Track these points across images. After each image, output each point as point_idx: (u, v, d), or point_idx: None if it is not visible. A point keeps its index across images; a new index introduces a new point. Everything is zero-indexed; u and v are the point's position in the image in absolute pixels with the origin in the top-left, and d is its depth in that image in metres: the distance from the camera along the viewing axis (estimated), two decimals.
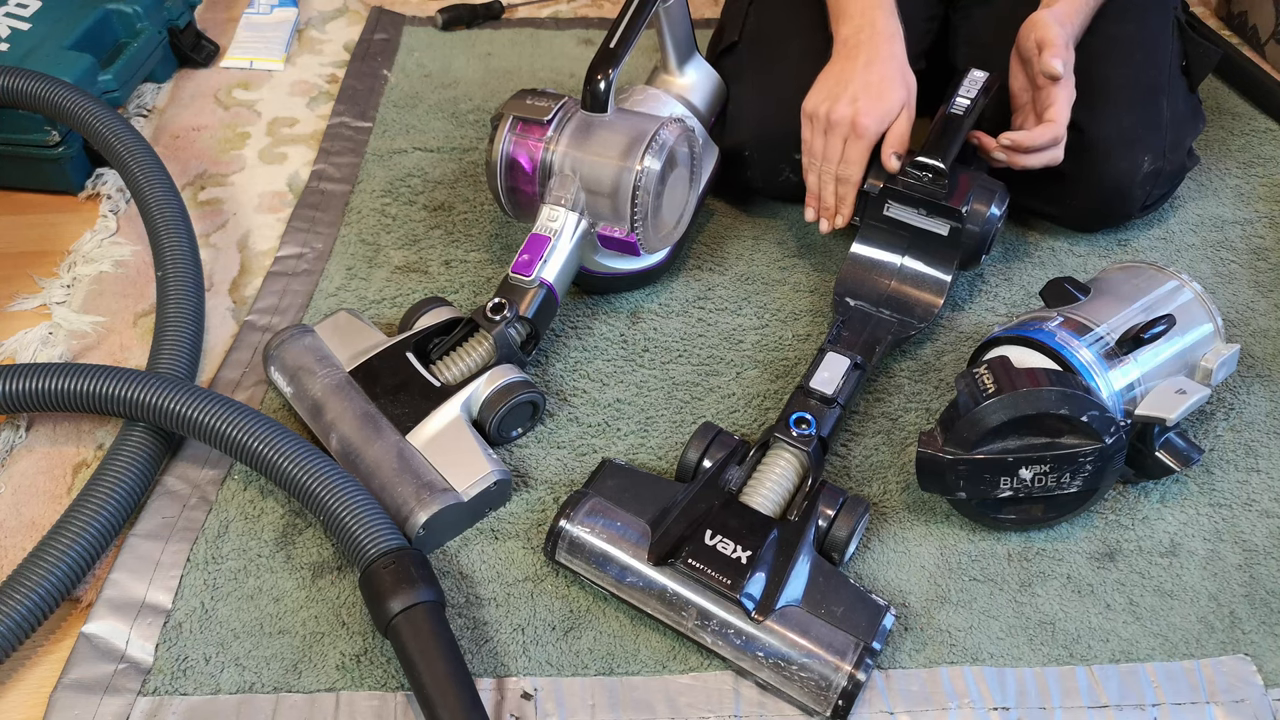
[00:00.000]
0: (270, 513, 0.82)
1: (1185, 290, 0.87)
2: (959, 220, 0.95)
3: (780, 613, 0.71)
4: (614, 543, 0.75)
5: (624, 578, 0.74)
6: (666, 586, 0.73)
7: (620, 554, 0.75)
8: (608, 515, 0.77)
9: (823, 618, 0.72)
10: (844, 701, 0.69)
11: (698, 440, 0.82)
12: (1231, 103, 1.32)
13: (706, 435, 0.82)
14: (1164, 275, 0.89)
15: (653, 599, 0.74)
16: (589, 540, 0.76)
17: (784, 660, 0.70)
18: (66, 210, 1.12)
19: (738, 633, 0.71)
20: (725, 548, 0.73)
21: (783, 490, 0.79)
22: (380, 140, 1.23)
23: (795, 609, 0.72)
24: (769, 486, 0.79)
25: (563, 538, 0.76)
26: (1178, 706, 0.72)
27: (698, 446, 0.81)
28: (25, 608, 0.70)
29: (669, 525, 0.75)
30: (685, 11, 1.06)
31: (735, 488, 0.79)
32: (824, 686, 0.69)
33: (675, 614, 0.73)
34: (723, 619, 0.72)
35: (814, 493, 0.78)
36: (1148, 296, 0.86)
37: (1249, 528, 0.83)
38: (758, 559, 0.72)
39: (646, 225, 0.92)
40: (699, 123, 1.07)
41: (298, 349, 0.89)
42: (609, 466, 0.81)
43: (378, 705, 0.70)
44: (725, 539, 0.73)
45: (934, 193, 0.95)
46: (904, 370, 0.97)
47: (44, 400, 0.79)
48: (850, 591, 0.73)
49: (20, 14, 1.16)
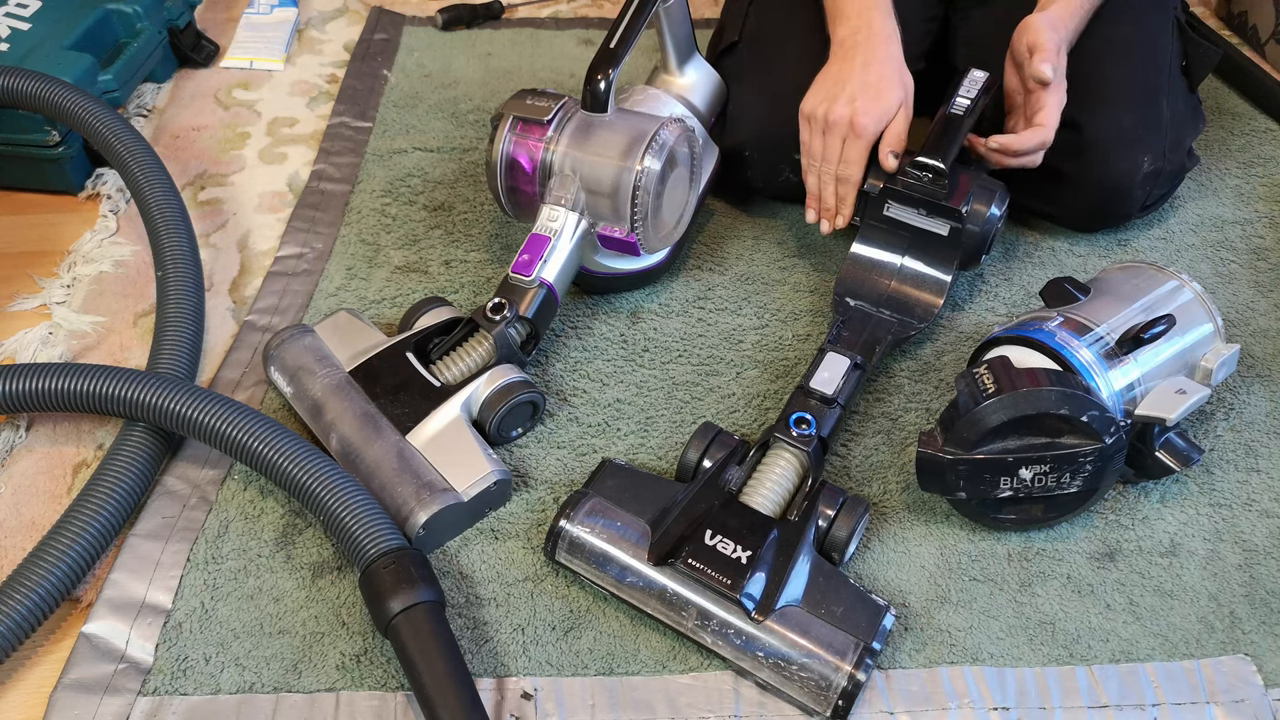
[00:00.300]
0: (270, 513, 0.82)
1: (1185, 290, 0.87)
2: (959, 220, 0.95)
3: (780, 613, 0.71)
4: (614, 543, 0.75)
5: (624, 578, 0.75)
6: (666, 586, 0.74)
7: (620, 554, 0.75)
8: (608, 515, 0.77)
9: (823, 618, 0.72)
10: (844, 701, 0.69)
11: (698, 440, 0.82)
12: (1231, 103, 1.32)
13: (706, 435, 0.82)
14: (1164, 275, 0.89)
15: (653, 599, 0.74)
16: (589, 540, 0.76)
17: (784, 660, 0.70)
18: (66, 210, 1.12)
19: (738, 633, 0.71)
20: (725, 548, 0.73)
21: (783, 490, 0.79)
22: (380, 140, 1.23)
23: (795, 609, 0.72)
24: (769, 486, 0.79)
25: (563, 538, 0.76)
26: (1178, 706, 0.72)
27: (698, 446, 0.81)
28: (25, 608, 0.69)
29: (669, 525, 0.75)
30: (685, 11, 1.06)
31: (735, 488, 0.79)
32: (824, 686, 0.69)
33: (675, 614, 0.73)
34: (723, 619, 0.72)
35: (814, 493, 0.78)
36: (1148, 296, 0.86)
37: (1249, 528, 0.83)
38: (758, 559, 0.72)
39: (646, 225, 0.92)
40: (699, 123, 1.07)
41: (298, 349, 0.89)
42: (609, 466, 0.81)
43: (378, 705, 0.70)
44: (725, 539, 0.73)
45: (934, 193, 0.95)
46: (904, 370, 0.97)
47: (44, 400, 0.79)
48: (850, 591, 0.74)
49: (20, 14, 1.16)
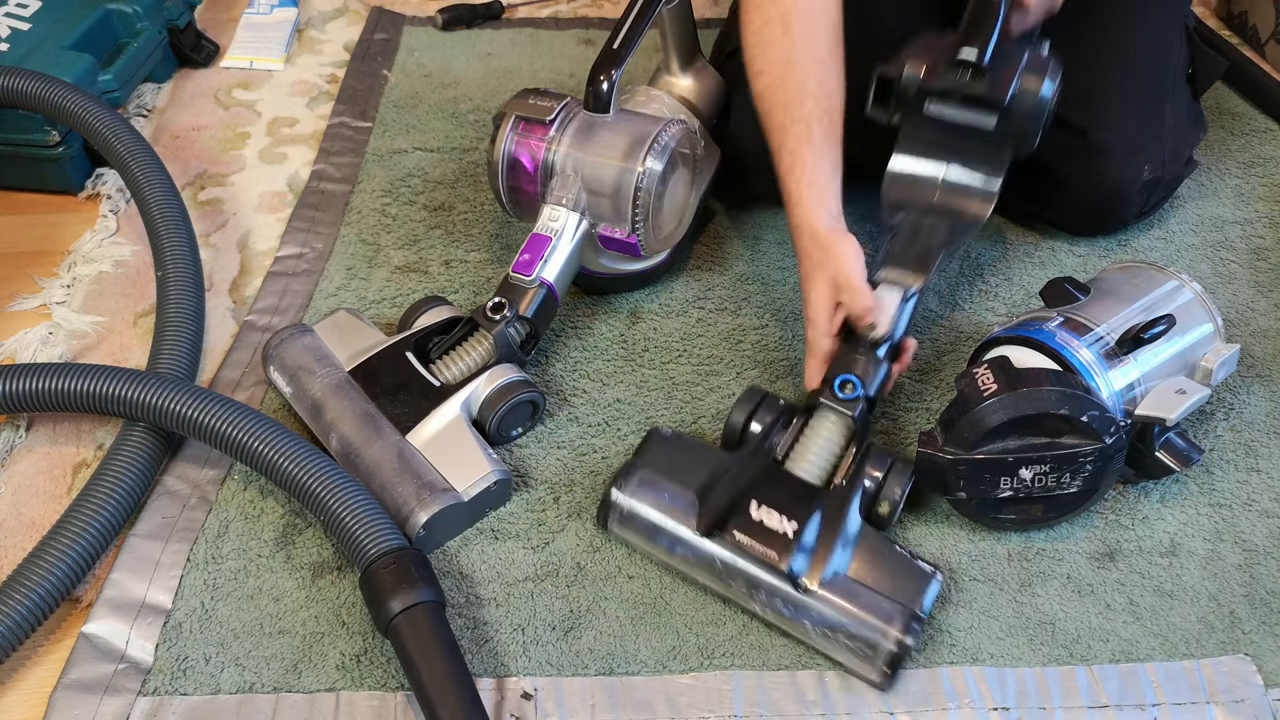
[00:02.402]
0: (270, 513, 0.82)
1: (1185, 290, 0.87)
2: (1004, 112, 0.88)
3: (828, 582, 0.72)
4: (664, 513, 0.76)
5: (674, 548, 0.76)
6: (715, 557, 0.74)
7: (670, 524, 0.75)
8: (657, 486, 0.77)
9: (870, 585, 0.72)
10: (890, 667, 0.70)
11: (744, 404, 0.81)
12: (1231, 103, 1.32)
13: (753, 399, 0.81)
14: (1164, 275, 0.88)
15: (702, 569, 0.75)
16: (640, 511, 0.76)
17: (832, 628, 0.71)
18: (66, 210, 1.12)
19: (785, 601, 0.72)
20: (771, 520, 0.73)
21: (828, 456, 0.79)
22: (380, 140, 1.23)
23: (843, 577, 0.72)
24: (815, 453, 0.79)
25: (614, 510, 0.77)
26: (1178, 706, 0.72)
27: (744, 410, 0.81)
28: (25, 608, 0.69)
29: (715, 496, 0.76)
30: (689, 13, 1.06)
31: (780, 455, 0.79)
32: (872, 653, 0.70)
33: (724, 583, 0.74)
34: (771, 587, 0.72)
35: (860, 457, 0.78)
36: (1148, 296, 0.86)
37: (1249, 528, 0.83)
38: (804, 530, 0.72)
39: (647, 226, 0.92)
40: (701, 125, 1.07)
41: (297, 349, 0.88)
42: (656, 436, 0.81)
43: (378, 705, 0.70)
44: (771, 510, 0.74)
45: (973, 86, 0.88)
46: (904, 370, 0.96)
47: (44, 400, 0.79)
48: (897, 558, 0.74)
49: (20, 14, 1.16)
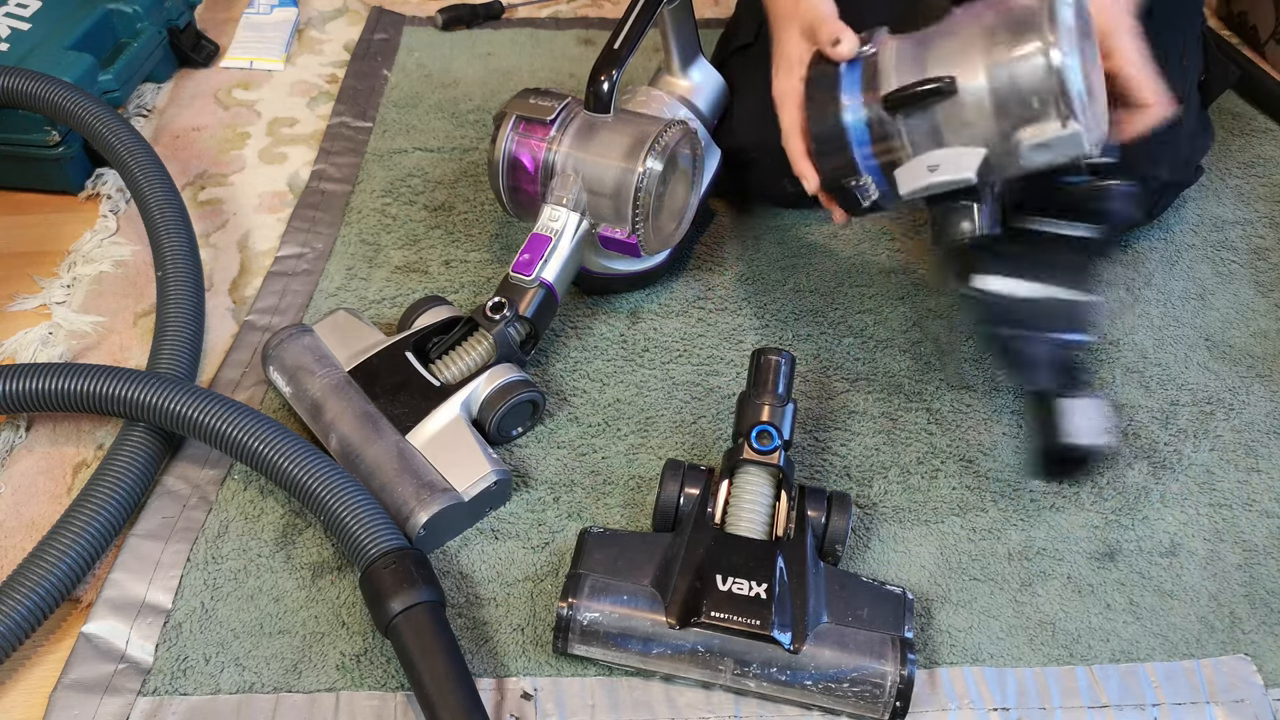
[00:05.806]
0: (270, 513, 0.82)
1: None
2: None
3: (814, 634, 0.69)
4: (629, 616, 0.71)
5: (650, 649, 0.70)
6: (696, 645, 0.70)
7: (640, 625, 0.70)
8: (611, 590, 0.71)
9: (851, 624, 0.70)
10: (900, 702, 0.68)
11: (670, 480, 0.77)
12: (1231, 103, 1.32)
13: (676, 472, 0.78)
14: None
15: (683, 662, 0.70)
16: (602, 620, 0.70)
17: (833, 681, 0.68)
18: (66, 210, 1.12)
19: (780, 669, 0.69)
20: (740, 588, 0.70)
21: (764, 509, 0.76)
22: (380, 140, 1.23)
23: (825, 625, 0.70)
24: (750, 509, 0.76)
25: (573, 628, 0.70)
26: (1178, 706, 0.72)
27: (672, 485, 0.77)
28: (25, 608, 0.69)
29: (677, 582, 0.71)
30: (690, 13, 1.06)
31: (718, 521, 0.76)
32: (878, 693, 0.68)
33: (711, 670, 0.70)
34: (762, 659, 0.69)
35: (800, 501, 0.76)
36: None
37: (1249, 528, 0.84)
38: (775, 589, 0.70)
39: (648, 227, 0.92)
40: (701, 125, 1.07)
41: (296, 349, 0.88)
42: (590, 539, 0.75)
43: (378, 705, 0.70)
44: (737, 579, 0.70)
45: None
46: (904, 370, 0.97)
47: (44, 400, 0.79)
48: (866, 589, 0.73)
49: (20, 14, 1.15)
